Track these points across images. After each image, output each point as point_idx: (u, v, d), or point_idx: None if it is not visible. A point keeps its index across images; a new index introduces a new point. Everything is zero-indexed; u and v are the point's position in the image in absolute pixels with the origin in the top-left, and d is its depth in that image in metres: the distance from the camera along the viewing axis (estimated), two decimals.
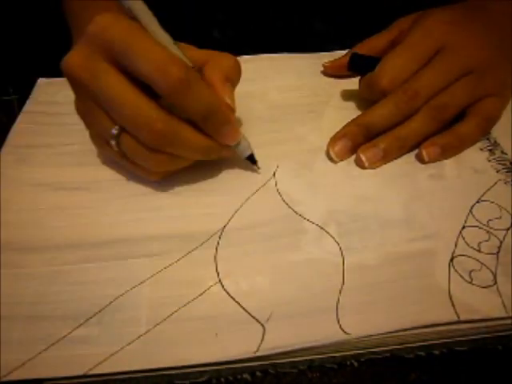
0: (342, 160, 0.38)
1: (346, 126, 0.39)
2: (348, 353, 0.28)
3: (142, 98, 0.31)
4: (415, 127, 0.37)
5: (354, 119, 0.39)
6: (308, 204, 0.35)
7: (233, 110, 0.35)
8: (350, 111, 0.41)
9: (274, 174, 0.37)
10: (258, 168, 0.37)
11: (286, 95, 0.43)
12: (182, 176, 0.36)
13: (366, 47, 0.44)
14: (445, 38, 0.39)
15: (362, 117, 0.39)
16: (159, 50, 0.31)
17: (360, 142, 0.38)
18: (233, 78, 0.35)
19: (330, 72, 0.45)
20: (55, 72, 0.46)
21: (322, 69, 0.45)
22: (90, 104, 0.33)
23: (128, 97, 0.31)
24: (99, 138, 0.35)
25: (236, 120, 0.34)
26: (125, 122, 0.32)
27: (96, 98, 0.32)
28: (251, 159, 0.37)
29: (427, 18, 0.40)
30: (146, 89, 0.31)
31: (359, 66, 0.41)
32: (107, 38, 0.31)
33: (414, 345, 0.29)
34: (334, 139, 0.38)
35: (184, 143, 0.33)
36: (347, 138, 0.38)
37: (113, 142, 0.33)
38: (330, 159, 0.38)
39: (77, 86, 0.33)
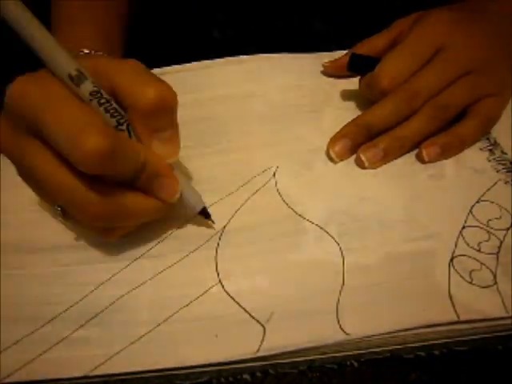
0: (342, 160, 0.38)
1: (345, 126, 0.39)
2: (348, 353, 0.29)
3: (70, 177, 0.27)
4: (415, 127, 0.37)
5: (353, 119, 0.39)
6: (308, 204, 0.35)
7: (164, 164, 0.30)
8: (350, 111, 0.41)
9: (274, 174, 0.37)
10: (213, 223, 0.34)
11: (285, 95, 0.43)
12: (181, 176, 0.36)
13: (366, 47, 0.43)
14: (444, 38, 0.39)
15: (362, 117, 0.39)
16: (72, 116, 0.26)
17: (360, 141, 0.38)
18: (157, 119, 0.29)
19: (330, 72, 0.45)
20: None
21: (322, 69, 0.45)
22: (25, 178, 0.30)
23: (57, 179, 0.27)
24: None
25: (173, 173, 0.31)
26: (60, 204, 0.30)
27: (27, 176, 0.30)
28: (204, 214, 0.33)
29: (427, 18, 0.40)
30: None
31: (359, 66, 0.41)
32: (23, 110, 0.27)
33: (414, 345, 0.29)
34: (334, 139, 0.38)
35: (128, 216, 0.30)
36: (347, 138, 0.38)
37: (59, 219, 0.31)
38: (330, 159, 0.38)
39: (9, 159, 0.30)
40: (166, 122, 0.30)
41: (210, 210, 0.33)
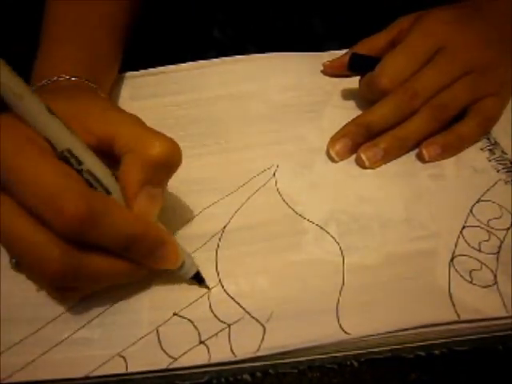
0: (342, 160, 0.38)
1: (346, 125, 0.39)
2: (348, 353, 0.29)
3: (34, 231, 0.25)
4: (415, 127, 0.37)
5: (354, 119, 0.39)
6: (308, 204, 0.35)
7: (164, 230, 0.29)
8: (350, 111, 0.41)
9: (274, 174, 0.37)
10: (208, 288, 0.31)
11: (285, 95, 0.43)
12: (181, 176, 0.36)
13: (366, 47, 0.43)
14: (445, 37, 0.39)
15: (363, 116, 0.39)
16: (48, 175, 0.24)
17: (360, 141, 0.38)
18: (157, 175, 0.28)
19: (330, 72, 0.45)
20: None
21: (322, 68, 0.45)
22: None
23: (15, 229, 0.25)
24: None
25: (172, 239, 0.29)
26: (16, 257, 0.27)
27: None
28: (198, 279, 0.31)
29: (427, 17, 0.40)
30: None
31: (359, 65, 0.41)
32: None
33: (414, 345, 0.29)
34: (334, 139, 0.38)
35: (90, 278, 0.27)
36: (347, 138, 0.38)
37: (14, 269, 0.28)
38: (331, 159, 0.38)
39: None
40: (162, 178, 0.29)
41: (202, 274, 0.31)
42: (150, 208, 0.28)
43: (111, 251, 0.26)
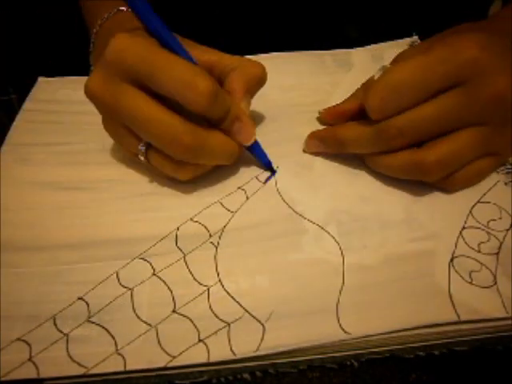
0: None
1: (329, 129, 0.38)
2: (348, 353, 0.28)
3: (166, 113, 0.32)
4: (388, 161, 0.34)
5: (337, 127, 0.37)
6: (308, 203, 0.35)
7: (247, 114, 0.36)
8: None
9: (275, 174, 0.37)
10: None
11: (286, 95, 0.43)
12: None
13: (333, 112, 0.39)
14: (475, 68, 0.31)
15: (343, 130, 0.36)
16: (182, 65, 0.31)
17: (332, 152, 0.37)
18: (254, 87, 0.37)
19: (328, 121, 0.40)
20: (55, 71, 0.46)
21: (322, 68, 0.44)
22: (115, 123, 0.34)
23: (152, 114, 0.31)
24: (129, 153, 0.36)
25: (250, 120, 0.36)
26: (151, 139, 0.33)
27: (120, 119, 0.33)
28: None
29: (460, 33, 0.33)
30: (168, 103, 0.32)
31: None
32: (126, 61, 0.31)
33: (414, 345, 0.29)
34: (314, 136, 0.38)
35: (211, 153, 0.34)
36: (323, 144, 0.37)
37: (142, 158, 0.34)
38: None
39: (100, 108, 0.34)
40: (256, 90, 0.38)
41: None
42: (247, 108, 0.36)
43: (222, 129, 0.34)
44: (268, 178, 0.37)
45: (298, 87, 0.44)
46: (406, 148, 0.33)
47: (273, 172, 0.37)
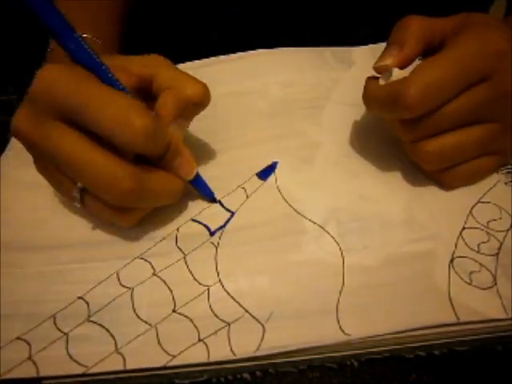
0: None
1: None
2: (348, 353, 0.28)
3: (101, 155, 0.29)
4: None
5: None
6: (308, 202, 0.35)
7: (181, 143, 0.33)
8: (351, 107, 0.41)
9: (274, 171, 0.37)
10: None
11: (286, 90, 0.43)
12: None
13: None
14: (500, 61, 0.30)
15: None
16: (116, 100, 0.28)
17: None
18: (188, 111, 0.33)
19: None
20: None
21: (323, 63, 0.43)
22: (47, 165, 0.31)
23: (85, 155, 0.28)
24: (67, 198, 0.33)
25: (190, 153, 0.33)
26: (85, 184, 0.30)
27: (52, 160, 0.30)
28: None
29: (489, 26, 0.31)
30: (101, 141, 0.29)
31: None
32: (53, 96, 0.28)
33: (414, 345, 0.29)
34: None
35: (154, 195, 0.31)
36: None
37: (77, 204, 0.32)
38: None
39: (30, 148, 0.31)
40: (193, 114, 0.34)
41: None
42: (177, 134, 0.33)
43: (160, 166, 0.32)
44: (268, 175, 0.37)
45: (298, 82, 0.43)
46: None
47: (215, 202, 0.35)
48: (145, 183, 0.30)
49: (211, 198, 0.35)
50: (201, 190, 0.35)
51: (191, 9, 0.55)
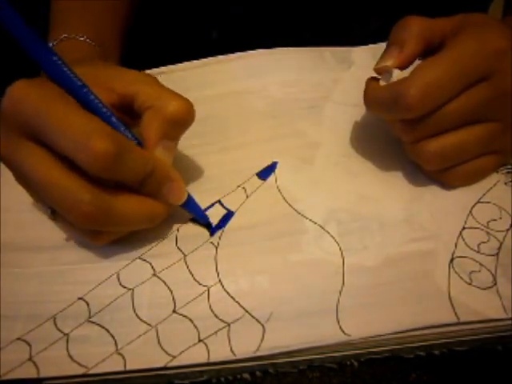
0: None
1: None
2: (348, 353, 0.28)
3: (65, 176, 0.28)
4: None
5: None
6: (308, 201, 0.35)
7: (168, 167, 0.32)
8: (351, 107, 0.41)
9: (274, 171, 0.37)
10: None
11: (286, 90, 0.43)
12: (182, 176, 0.36)
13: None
14: (499, 59, 0.30)
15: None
16: (78, 120, 0.27)
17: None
18: (173, 129, 0.31)
19: None
20: None
21: (323, 63, 0.43)
22: (21, 181, 0.31)
23: (48, 176, 0.28)
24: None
25: (179, 177, 0.32)
26: (50, 204, 0.30)
27: (22, 178, 0.30)
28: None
29: (487, 25, 0.32)
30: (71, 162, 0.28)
31: None
32: (21, 114, 0.28)
33: (414, 345, 0.29)
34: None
35: (122, 220, 0.30)
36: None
37: (51, 218, 0.32)
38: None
39: (4, 163, 0.30)
40: (178, 133, 0.32)
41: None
42: (165, 157, 0.31)
43: (132, 189, 0.30)
44: (268, 175, 0.37)
45: (298, 82, 0.43)
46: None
47: (210, 227, 0.34)
48: (111, 207, 0.29)
49: (206, 223, 0.34)
50: (195, 214, 0.34)
51: (191, 8, 0.55)
